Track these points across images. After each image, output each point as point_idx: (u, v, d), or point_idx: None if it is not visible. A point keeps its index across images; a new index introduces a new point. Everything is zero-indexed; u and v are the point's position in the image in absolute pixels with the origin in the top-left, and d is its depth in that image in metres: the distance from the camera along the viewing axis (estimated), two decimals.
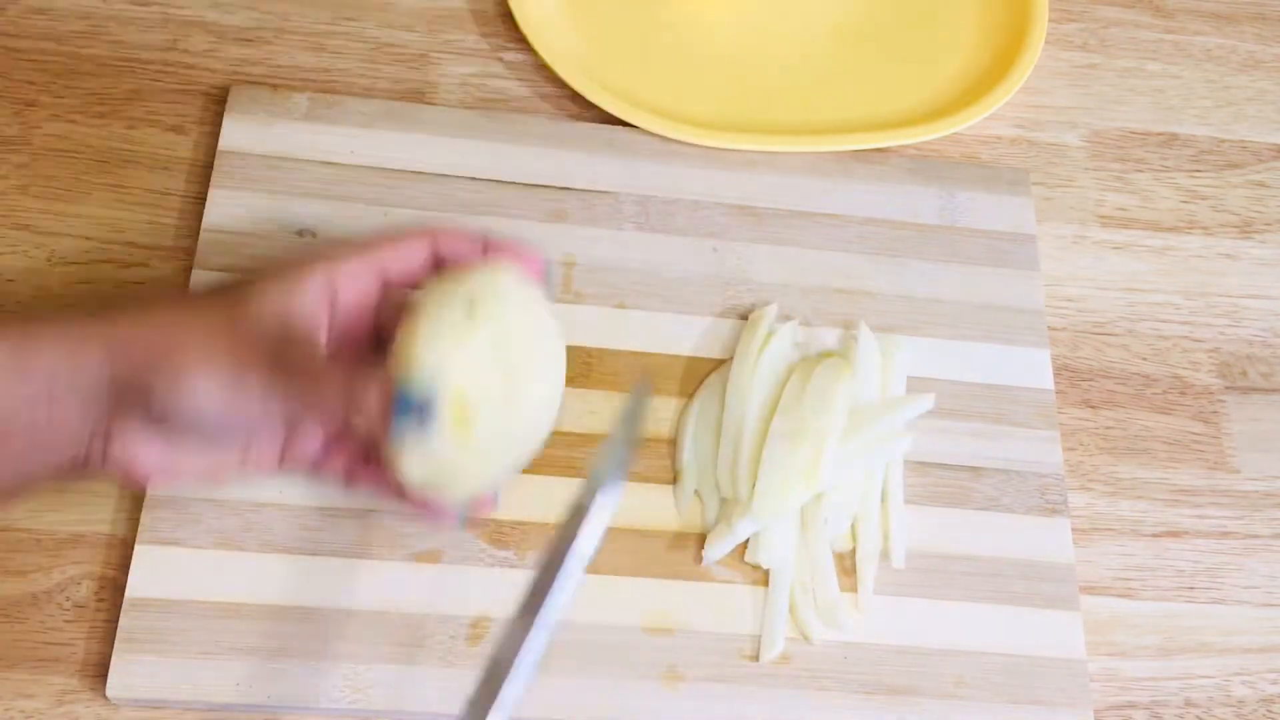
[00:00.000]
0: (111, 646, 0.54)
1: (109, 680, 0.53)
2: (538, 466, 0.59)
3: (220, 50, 0.70)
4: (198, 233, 0.63)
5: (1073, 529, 0.62)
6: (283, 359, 0.46)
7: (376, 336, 0.52)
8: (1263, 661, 0.62)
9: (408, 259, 0.51)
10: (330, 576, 0.56)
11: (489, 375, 0.49)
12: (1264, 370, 0.69)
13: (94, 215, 0.64)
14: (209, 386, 0.46)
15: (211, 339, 0.46)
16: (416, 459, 0.48)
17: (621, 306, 0.64)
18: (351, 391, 0.46)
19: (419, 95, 0.70)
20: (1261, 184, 0.75)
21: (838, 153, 0.70)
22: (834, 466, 0.59)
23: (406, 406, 0.46)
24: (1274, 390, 0.69)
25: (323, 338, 0.50)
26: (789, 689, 0.57)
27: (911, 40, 0.76)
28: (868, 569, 0.59)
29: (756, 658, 0.57)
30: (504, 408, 0.50)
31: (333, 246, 0.51)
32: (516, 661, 0.45)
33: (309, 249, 0.53)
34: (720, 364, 0.64)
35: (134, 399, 0.46)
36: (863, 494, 0.60)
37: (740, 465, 0.60)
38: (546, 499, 0.59)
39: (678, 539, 0.60)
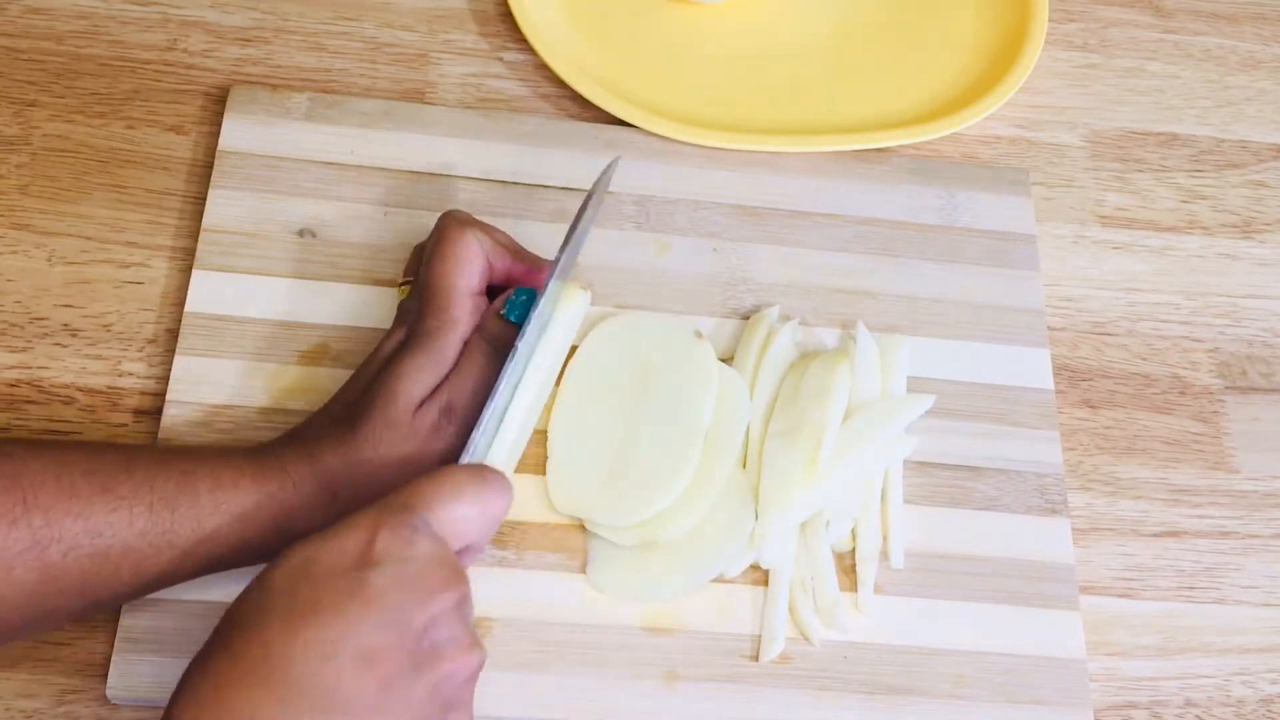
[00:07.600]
0: (111, 646, 0.54)
1: (109, 680, 0.53)
2: (539, 465, 0.59)
3: (220, 50, 0.70)
4: (198, 233, 0.63)
5: (1073, 529, 0.62)
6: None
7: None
8: (1263, 661, 0.62)
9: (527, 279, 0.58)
10: None
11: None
12: (1264, 370, 0.69)
13: (94, 215, 0.64)
14: None
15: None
16: None
17: (622, 306, 0.64)
18: None
19: (418, 95, 0.70)
20: (1261, 184, 0.75)
21: (838, 153, 0.70)
22: (836, 467, 0.59)
23: None
24: (1274, 390, 0.69)
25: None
26: (789, 689, 0.57)
27: (911, 40, 0.76)
28: (867, 569, 0.59)
29: (756, 658, 0.57)
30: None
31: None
32: None
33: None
34: None
35: None
36: (863, 494, 0.60)
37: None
38: (547, 499, 0.59)
39: None
